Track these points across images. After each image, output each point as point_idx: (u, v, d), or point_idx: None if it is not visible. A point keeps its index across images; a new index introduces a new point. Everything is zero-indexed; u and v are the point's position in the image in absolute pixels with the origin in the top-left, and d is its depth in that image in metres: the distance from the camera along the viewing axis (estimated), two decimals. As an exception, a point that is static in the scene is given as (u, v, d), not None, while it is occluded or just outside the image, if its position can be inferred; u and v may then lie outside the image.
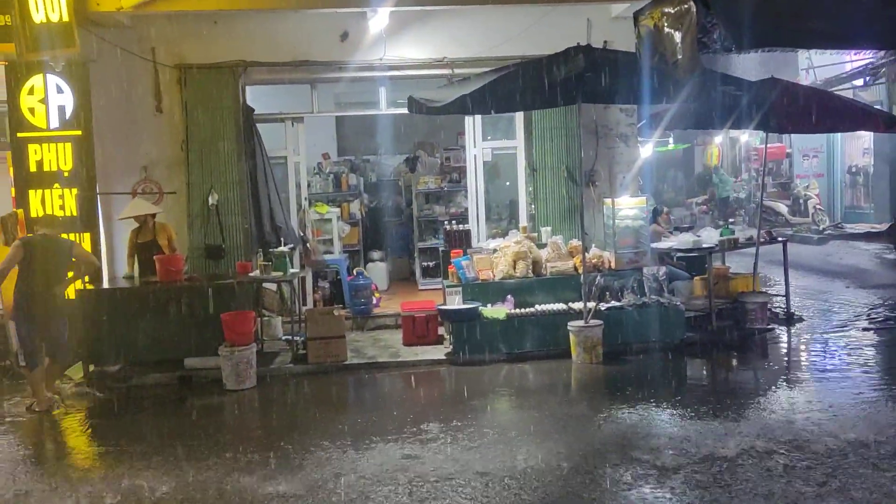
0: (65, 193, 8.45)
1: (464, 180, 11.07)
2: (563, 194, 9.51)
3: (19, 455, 5.96)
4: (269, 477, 5.07)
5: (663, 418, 5.98)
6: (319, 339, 7.93)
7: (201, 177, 8.98)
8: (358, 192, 12.45)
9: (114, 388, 7.57)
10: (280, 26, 9.02)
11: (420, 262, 11.89)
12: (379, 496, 4.69)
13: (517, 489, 4.70)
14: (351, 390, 7.55)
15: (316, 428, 6.18)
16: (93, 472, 5.45)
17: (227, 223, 9.01)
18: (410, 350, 8.37)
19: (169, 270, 7.89)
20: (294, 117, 9.90)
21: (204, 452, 5.63)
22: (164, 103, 8.97)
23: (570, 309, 8.15)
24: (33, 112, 8.43)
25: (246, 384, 7.38)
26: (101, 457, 5.93)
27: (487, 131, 10.15)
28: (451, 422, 6.05)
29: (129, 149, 8.95)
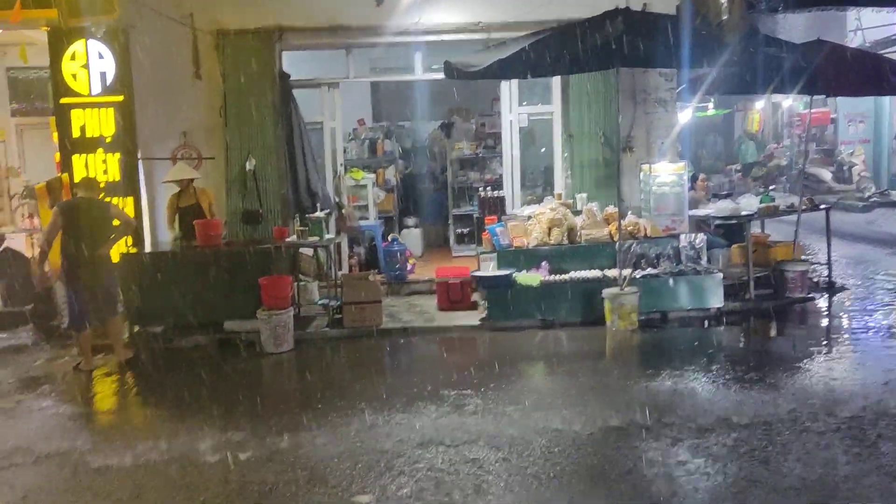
0: (108, 158, 8.62)
1: (499, 146, 11.01)
2: (599, 161, 9.41)
3: (66, 413, 6.16)
4: (308, 437, 5.19)
5: (699, 385, 5.96)
6: (355, 303, 8.02)
7: (239, 142, 9.06)
8: (393, 158, 12.47)
9: (157, 349, 7.77)
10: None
11: (454, 228, 11.91)
12: (415, 457, 4.77)
13: (553, 453, 4.75)
14: (386, 354, 7.65)
15: (353, 390, 6.29)
16: (137, 430, 5.63)
17: (264, 188, 9.10)
18: (445, 315, 8.44)
19: (208, 235, 8.02)
20: (329, 83, 9.90)
21: (244, 412, 5.77)
22: (203, 69, 9.03)
23: (604, 276, 8.12)
24: (76, 78, 8.57)
25: (283, 347, 7.52)
26: (145, 415, 6.12)
27: (523, 97, 10.05)
28: (485, 386, 6.10)
29: (169, 114, 9.04)
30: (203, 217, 8.24)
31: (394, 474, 4.56)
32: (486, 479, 4.42)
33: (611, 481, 4.33)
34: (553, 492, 4.24)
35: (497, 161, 11.42)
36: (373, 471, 4.62)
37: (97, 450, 5.17)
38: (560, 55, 7.34)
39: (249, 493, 4.39)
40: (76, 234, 7.04)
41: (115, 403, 6.74)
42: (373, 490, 4.36)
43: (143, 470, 4.83)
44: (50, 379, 7.04)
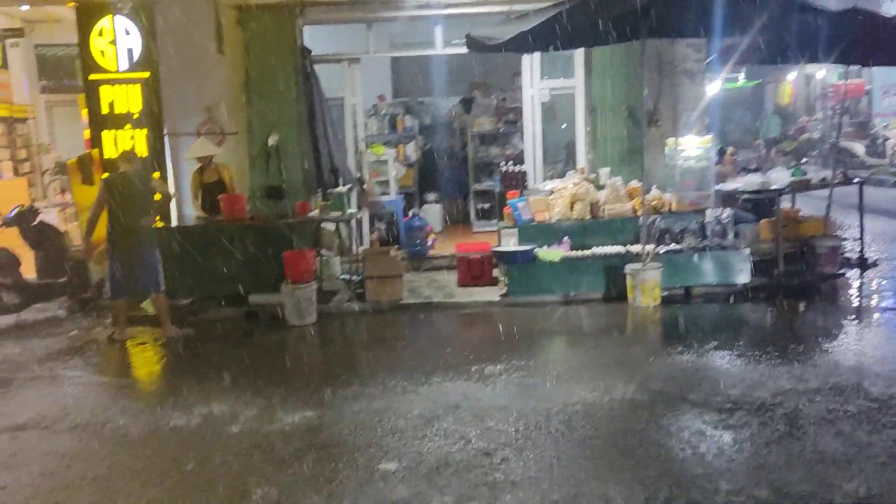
0: (135, 134, 8.72)
1: (520, 121, 10.95)
2: (623, 135, 9.32)
3: (99, 382, 6.31)
4: (333, 406, 5.26)
5: (722, 362, 5.92)
6: (376, 278, 8.08)
7: (261, 118, 9.11)
8: (413, 133, 12.46)
9: (185, 322, 7.90)
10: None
11: (475, 203, 11.90)
12: (439, 426, 4.82)
13: (574, 425, 4.77)
14: (407, 328, 7.70)
15: (376, 362, 6.36)
16: (168, 399, 5.73)
17: (286, 164, 9.15)
18: (465, 291, 8.46)
19: (233, 209, 8.10)
20: (350, 58, 9.90)
21: (270, 383, 5.86)
22: (226, 44, 9.06)
23: (627, 252, 8.07)
24: (104, 54, 8.65)
25: (307, 320, 7.61)
26: (175, 385, 6.24)
27: (545, 70, 9.95)
28: (506, 360, 6.12)
29: (193, 90, 9.09)
30: (226, 192, 8.33)
31: (418, 443, 4.61)
32: (509, 449, 4.46)
33: (634, 453, 4.33)
34: (577, 463, 4.27)
35: (518, 136, 11.37)
36: (398, 439, 4.68)
37: (129, 418, 5.29)
38: (584, 26, 7.25)
39: (277, 460, 4.47)
40: (119, 206, 7.15)
41: (146, 373, 6.89)
42: (398, 458, 4.42)
43: (173, 437, 4.94)
44: (84, 349, 7.20)
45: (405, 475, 4.19)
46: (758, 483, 3.91)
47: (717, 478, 3.98)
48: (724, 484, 3.91)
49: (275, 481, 4.20)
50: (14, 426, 5.25)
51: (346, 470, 4.30)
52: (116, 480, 4.36)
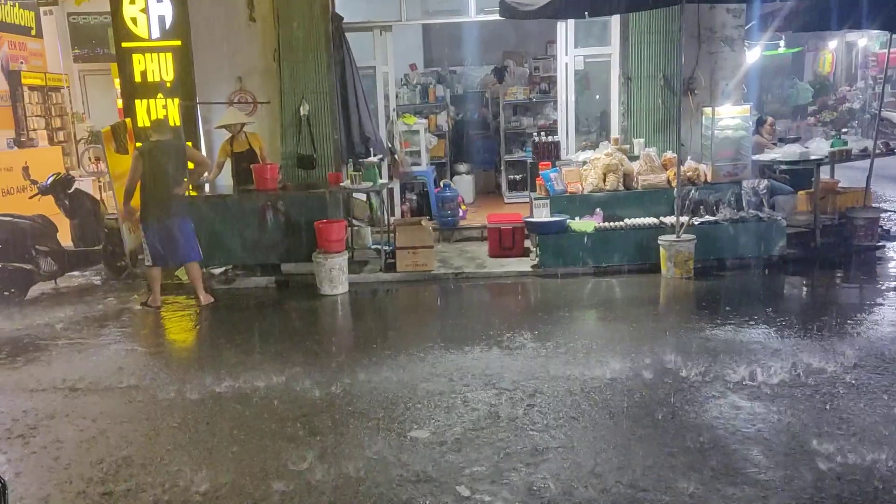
0: (168, 103, 8.75)
1: (553, 91, 10.79)
2: (658, 104, 9.14)
3: (134, 347, 6.41)
4: (364, 374, 5.29)
5: (756, 334, 5.84)
6: (408, 248, 8.07)
7: (293, 87, 9.07)
8: (445, 103, 12.35)
9: (218, 290, 7.98)
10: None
11: (506, 174, 11.81)
12: (469, 395, 4.83)
13: (606, 396, 4.75)
14: (438, 298, 7.70)
15: (407, 332, 6.38)
16: (201, 364, 5.82)
17: (317, 133, 9.13)
18: (496, 262, 8.43)
19: (265, 179, 8.12)
20: (382, 26, 9.80)
21: (302, 351, 5.91)
22: (257, 12, 9.02)
23: (661, 223, 7.97)
24: (135, 22, 8.66)
25: (338, 290, 7.64)
26: (209, 351, 6.32)
27: (580, 38, 9.77)
28: (537, 331, 6.11)
29: (225, 59, 9.09)
30: (257, 162, 8.34)
31: (449, 411, 4.63)
32: (539, 418, 4.46)
33: (665, 425, 4.31)
34: (607, 433, 4.25)
35: (551, 106, 11.22)
36: (428, 407, 4.70)
37: (162, 383, 5.38)
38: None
39: (309, 426, 4.52)
40: (153, 175, 7.20)
41: (179, 340, 6.98)
42: (428, 425, 4.44)
43: (207, 402, 5.00)
44: (118, 316, 7.32)
45: (435, 443, 4.21)
46: (791, 454, 3.87)
47: (752, 449, 3.94)
48: (757, 455, 3.88)
49: (306, 447, 4.24)
50: (49, 390, 5.36)
51: (376, 437, 4.32)
52: (150, 444, 4.44)
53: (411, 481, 3.81)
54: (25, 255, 7.98)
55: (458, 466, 3.93)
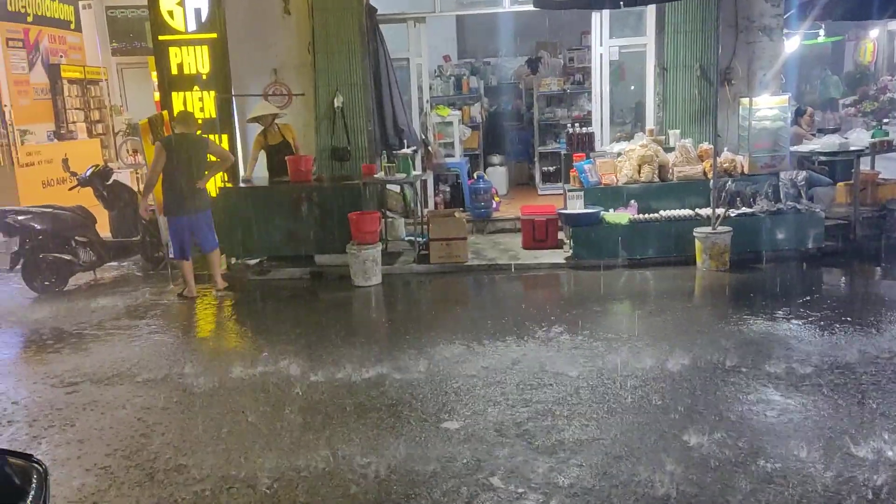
0: (204, 96, 8.85)
1: (588, 82, 10.71)
2: (694, 95, 9.01)
3: (171, 336, 6.52)
4: (397, 365, 5.32)
5: (793, 327, 5.76)
6: (441, 240, 8.09)
7: (327, 79, 9.11)
8: (478, 95, 12.33)
9: (253, 281, 8.07)
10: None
11: (540, 166, 11.76)
12: (502, 387, 4.84)
13: (638, 388, 4.73)
14: (471, 290, 7.71)
15: (439, 323, 6.39)
16: (237, 354, 5.90)
17: (351, 125, 9.16)
18: (530, 253, 8.41)
19: (299, 171, 8.19)
20: (416, 17, 9.79)
21: (335, 340, 5.96)
22: (292, 5, 9.06)
23: (696, 215, 7.89)
24: (172, 15, 8.76)
25: (372, 281, 7.68)
26: (244, 341, 6.41)
27: (615, 29, 9.67)
28: (571, 323, 6.09)
29: (260, 51, 9.15)
30: (291, 154, 8.41)
31: (481, 403, 4.64)
32: (573, 410, 4.45)
33: (701, 418, 4.27)
34: (643, 426, 4.23)
35: (585, 97, 11.15)
36: (460, 399, 4.72)
37: (199, 372, 5.47)
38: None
39: (341, 417, 4.56)
40: (177, 168, 7.31)
41: (216, 329, 7.09)
42: (460, 417, 4.46)
43: (242, 391, 5.08)
44: (156, 305, 7.44)
45: (467, 434, 4.23)
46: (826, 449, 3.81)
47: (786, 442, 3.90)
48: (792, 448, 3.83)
49: (338, 437, 4.28)
50: (92, 378, 5.48)
51: (408, 428, 4.35)
52: (189, 430, 4.52)
53: (442, 472, 3.83)
54: (65, 246, 8.14)
55: (491, 458, 3.94)
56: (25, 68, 12.47)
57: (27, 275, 7.96)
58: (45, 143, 11.69)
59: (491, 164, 11.77)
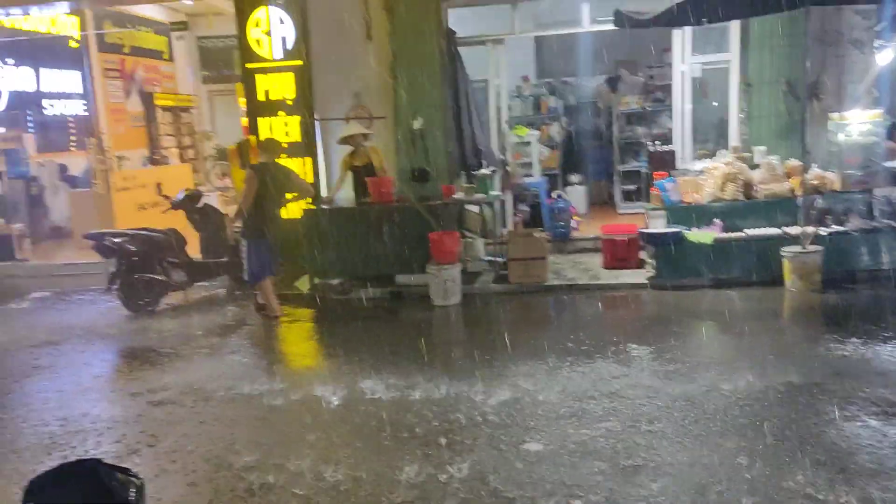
0: (289, 121, 9.15)
1: (668, 99, 10.56)
2: (780, 110, 8.76)
3: (255, 354, 6.72)
4: (477, 384, 5.33)
5: (887, 352, 5.49)
6: (520, 260, 8.08)
7: (407, 101, 9.27)
8: (557, 114, 12.32)
9: (335, 300, 8.24)
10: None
11: (620, 185, 11.63)
12: (584, 408, 4.78)
13: (724, 412, 4.60)
14: (552, 310, 7.67)
15: (520, 343, 6.37)
16: (318, 372, 6.04)
17: (431, 146, 9.28)
18: (610, 273, 8.31)
19: (381, 192, 8.34)
20: (494, 39, 9.88)
21: (416, 360, 6.02)
22: (373, 30, 9.28)
23: (784, 234, 7.63)
24: (259, 44, 9.10)
25: (451, 301, 7.74)
26: (326, 359, 6.55)
27: (697, 45, 9.51)
28: (655, 344, 5.98)
29: (343, 76, 9.39)
30: (375, 175, 8.57)
31: (563, 424, 4.60)
32: (657, 433, 4.36)
33: (792, 444, 4.12)
34: (730, 451, 4.10)
35: (666, 115, 10.99)
36: (541, 419, 4.69)
37: (281, 389, 5.60)
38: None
39: (421, 435, 4.60)
40: (262, 194, 7.56)
41: (298, 348, 7.27)
42: (542, 438, 4.43)
43: (323, 408, 5.18)
44: (241, 324, 7.69)
45: (550, 456, 4.19)
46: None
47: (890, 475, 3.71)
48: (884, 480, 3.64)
49: (419, 455, 4.31)
50: (179, 394, 5.68)
51: (490, 448, 4.35)
52: (269, 446, 4.63)
53: (523, 493, 3.80)
54: (158, 267, 8.48)
55: (572, 480, 3.90)
56: (122, 97, 13.18)
57: (123, 294, 8.33)
58: (140, 169, 12.28)
59: (570, 184, 11.70)
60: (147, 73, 13.82)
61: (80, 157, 12.63)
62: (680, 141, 9.68)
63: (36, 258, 10.91)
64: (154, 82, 14.00)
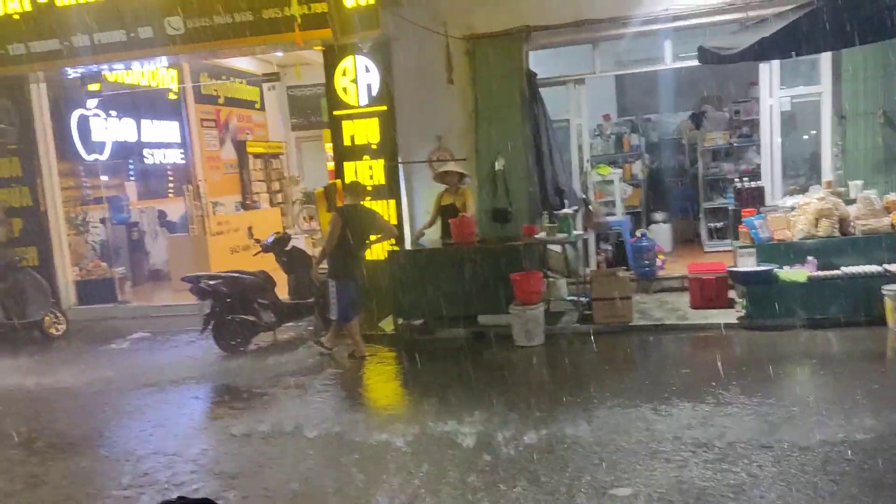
0: (373, 164, 9.39)
1: (756, 134, 10.31)
2: (877, 143, 8.42)
3: (342, 395, 6.82)
4: (563, 427, 5.25)
5: None
6: (605, 299, 7.97)
7: (488, 143, 9.37)
8: (639, 152, 12.20)
9: (419, 340, 8.30)
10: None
11: (706, 222, 11.36)
12: (674, 454, 4.64)
13: (823, 460, 4.37)
14: (638, 351, 7.50)
15: (606, 384, 6.26)
16: (403, 413, 6.07)
17: (512, 187, 9.32)
18: (699, 313, 8.09)
19: (463, 233, 8.42)
20: (575, 79, 9.91)
21: (500, 401, 5.97)
22: (455, 74, 9.45)
23: (885, 271, 7.27)
24: (346, 92, 9.42)
25: (535, 341, 7.68)
26: (410, 400, 6.59)
27: (785, 78, 9.27)
28: (749, 388, 5.76)
29: (425, 120, 9.58)
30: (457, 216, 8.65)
31: (652, 469, 4.47)
32: (753, 482, 4.18)
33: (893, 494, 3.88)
34: (824, 500, 3.89)
35: (754, 150, 10.72)
36: (629, 464, 4.57)
37: (366, 429, 5.66)
38: (834, 28, 6.65)
39: (510, 478, 4.55)
40: (347, 236, 7.77)
41: (383, 388, 7.34)
42: (631, 483, 4.31)
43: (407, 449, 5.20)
44: (328, 364, 7.82)
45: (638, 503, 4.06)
46: None
47: None
48: None
49: (503, 498, 4.25)
50: (271, 433, 5.80)
51: (575, 492, 4.26)
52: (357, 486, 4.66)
53: (620, 540, 3.71)
54: (249, 308, 8.76)
55: (669, 528, 3.78)
56: (216, 145, 13.84)
57: (217, 335, 8.63)
58: (232, 213, 12.79)
59: (654, 222, 11.52)
60: (240, 122, 14.48)
61: (177, 203, 13.27)
62: (769, 176, 9.40)
63: (136, 300, 11.46)
64: (246, 130, 14.64)
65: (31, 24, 9.39)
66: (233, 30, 8.86)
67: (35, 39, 9.48)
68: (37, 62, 9.70)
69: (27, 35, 9.47)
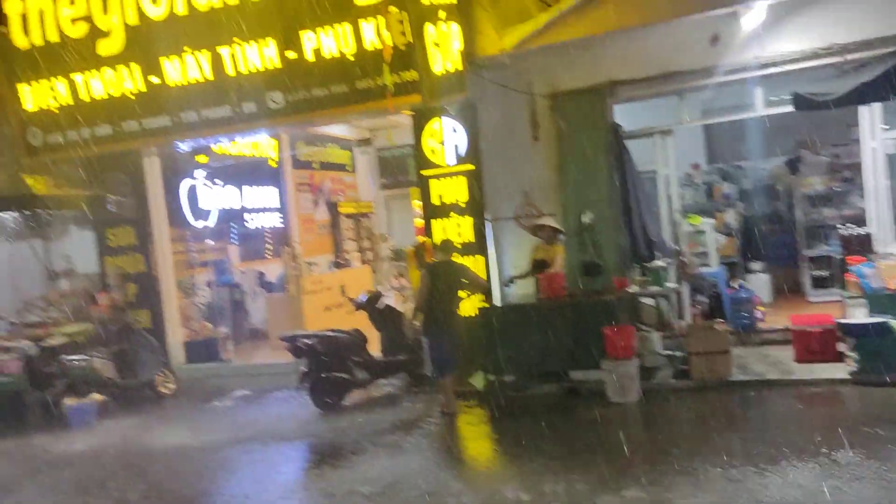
0: (461, 222, 9.50)
1: (858, 178, 9.87)
2: None
3: (434, 453, 6.79)
4: (660, 489, 5.07)
5: None
6: (701, 353, 7.72)
7: (575, 197, 9.34)
8: (731, 200, 11.89)
9: (510, 397, 8.22)
10: (646, 41, 8.98)
11: (808, 271, 10.88)
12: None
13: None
14: (739, 408, 7.20)
15: (706, 444, 6.02)
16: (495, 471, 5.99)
17: (601, 240, 9.22)
18: (804, 368, 7.71)
19: (553, 288, 8.37)
20: (662, 131, 9.82)
21: (594, 461, 5.83)
22: (540, 130, 9.54)
23: None
24: (434, 152, 9.63)
25: (629, 397, 7.48)
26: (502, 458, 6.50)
27: (889, 118, 8.89)
28: (863, 449, 5.41)
29: (511, 176, 9.66)
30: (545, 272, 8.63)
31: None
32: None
33: None
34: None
35: (857, 194, 10.26)
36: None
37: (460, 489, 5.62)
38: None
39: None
40: (437, 293, 7.86)
41: (475, 446, 7.28)
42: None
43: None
44: (420, 421, 7.84)
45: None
46: None
47: None
48: None
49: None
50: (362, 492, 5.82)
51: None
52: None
53: None
54: (343, 366, 8.92)
55: None
56: (311, 208, 14.33)
57: (313, 393, 8.81)
58: (326, 273, 13.14)
59: (751, 272, 11.12)
60: (333, 185, 14.96)
61: (275, 264, 13.75)
62: (875, 222, 8.96)
63: (238, 358, 11.84)
64: (338, 192, 15.11)
65: (145, 102, 10.09)
66: (329, 101, 9.25)
67: (148, 117, 10.17)
68: (150, 137, 10.38)
69: (141, 113, 10.17)
